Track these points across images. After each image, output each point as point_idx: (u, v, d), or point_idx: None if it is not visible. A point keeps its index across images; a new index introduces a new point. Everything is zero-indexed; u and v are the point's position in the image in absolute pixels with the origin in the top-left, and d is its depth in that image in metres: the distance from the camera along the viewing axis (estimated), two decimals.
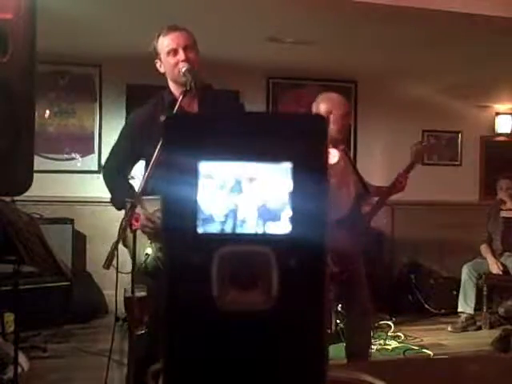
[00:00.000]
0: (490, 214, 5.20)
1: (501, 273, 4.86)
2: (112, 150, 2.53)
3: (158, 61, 2.36)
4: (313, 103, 3.18)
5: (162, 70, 2.37)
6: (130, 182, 2.53)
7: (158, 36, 2.33)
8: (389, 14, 3.78)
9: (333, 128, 3.09)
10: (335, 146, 3.11)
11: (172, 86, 2.38)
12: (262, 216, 0.41)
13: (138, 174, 2.56)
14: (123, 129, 2.50)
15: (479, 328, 4.86)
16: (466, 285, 4.92)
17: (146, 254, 2.15)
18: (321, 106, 3.11)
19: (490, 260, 4.94)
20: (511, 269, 4.86)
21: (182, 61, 2.24)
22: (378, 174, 4.95)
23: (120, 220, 2.20)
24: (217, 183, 0.41)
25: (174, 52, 2.27)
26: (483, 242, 5.09)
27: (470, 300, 4.86)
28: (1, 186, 1.59)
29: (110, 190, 2.46)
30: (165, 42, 2.30)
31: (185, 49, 2.27)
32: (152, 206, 2.16)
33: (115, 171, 2.47)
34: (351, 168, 3.17)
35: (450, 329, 4.80)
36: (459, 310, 4.91)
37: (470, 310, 4.85)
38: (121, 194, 2.35)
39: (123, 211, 2.24)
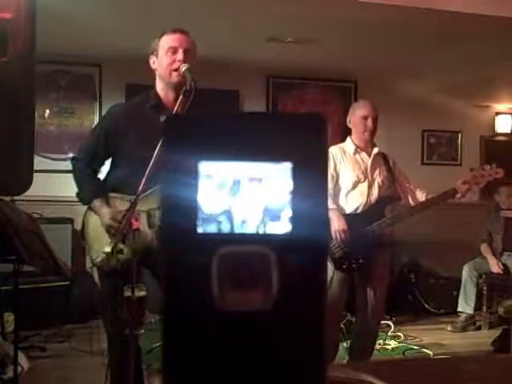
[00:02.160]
0: (491, 214, 5.20)
1: (501, 272, 4.86)
2: (86, 143, 2.49)
3: (152, 56, 2.34)
4: (348, 112, 3.37)
5: (153, 66, 2.35)
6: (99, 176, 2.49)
7: (162, 35, 2.33)
8: (389, 14, 3.79)
9: (367, 132, 3.23)
10: (365, 148, 3.27)
11: (159, 86, 2.36)
12: (262, 216, 0.41)
13: (103, 169, 2.52)
14: (99, 122, 2.47)
15: (479, 328, 4.86)
16: (466, 284, 4.92)
17: (104, 252, 2.09)
18: (357, 112, 3.29)
19: (491, 260, 4.94)
20: (511, 268, 4.86)
21: (179, 61, 2.24)
22: None
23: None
24: (217, 183, 0.41)
25: (174, 50, 2.27)
26: (483, 242, 5.08)
27: (470, 300, 4.86)
28: (1, 185, 1.59)
29: (78, 183, 2.43)
30: (167, 40, 2.30)
31: (185, 51, 2.26)
32: (122, 205, 2.17)
33: (86, 165, 2.42)
34: (384, 170, 3.29)
35: (449, 328, 4.80)
36: (459, 309, 4.91)
37: (470, 310, 4.84)
38: (89, 189, 2.35)
39: (112, 208, 2.26)
